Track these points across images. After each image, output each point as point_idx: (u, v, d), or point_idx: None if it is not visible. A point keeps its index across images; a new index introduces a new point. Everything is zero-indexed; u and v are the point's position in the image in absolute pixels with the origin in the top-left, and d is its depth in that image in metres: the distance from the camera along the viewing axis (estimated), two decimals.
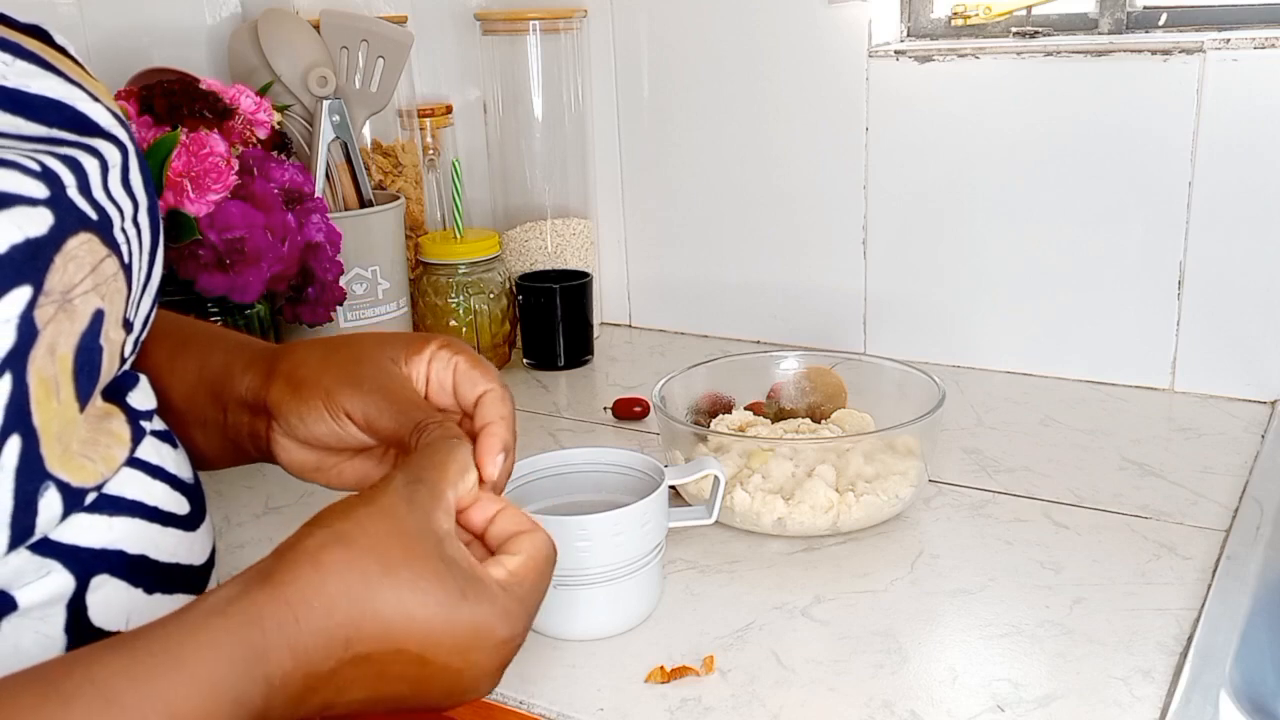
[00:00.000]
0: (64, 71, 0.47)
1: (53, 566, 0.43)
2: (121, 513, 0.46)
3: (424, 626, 0.43)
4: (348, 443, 0.54)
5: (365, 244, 1.06)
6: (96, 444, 0.45)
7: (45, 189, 0.41)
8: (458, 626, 0.43)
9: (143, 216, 0.48)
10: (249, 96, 0.94)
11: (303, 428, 0.53)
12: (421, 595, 0.43)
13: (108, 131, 0.47)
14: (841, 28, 1.10)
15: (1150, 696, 0.60)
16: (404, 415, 0.51)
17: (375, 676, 0.43)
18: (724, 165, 1.20)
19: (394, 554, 0.43)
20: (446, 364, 0.55)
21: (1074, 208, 1.03)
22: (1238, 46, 0.93)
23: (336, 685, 0.42)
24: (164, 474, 0.49)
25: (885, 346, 1.14)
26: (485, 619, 0.44)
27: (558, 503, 0.72)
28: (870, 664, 0.64)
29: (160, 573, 0.48)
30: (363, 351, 0.54)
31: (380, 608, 0.42)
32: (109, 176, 0.45)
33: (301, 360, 0.54)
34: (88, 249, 0.43)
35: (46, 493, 0.42)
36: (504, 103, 1.22)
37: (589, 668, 0.65)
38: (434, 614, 0.43)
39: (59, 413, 0.42)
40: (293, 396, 0.53)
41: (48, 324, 0.40)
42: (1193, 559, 0.74)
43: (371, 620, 0.42)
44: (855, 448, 0.80)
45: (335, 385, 0.52)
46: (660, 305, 1.29)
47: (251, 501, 0.87)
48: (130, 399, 0.49)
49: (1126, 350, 1.04)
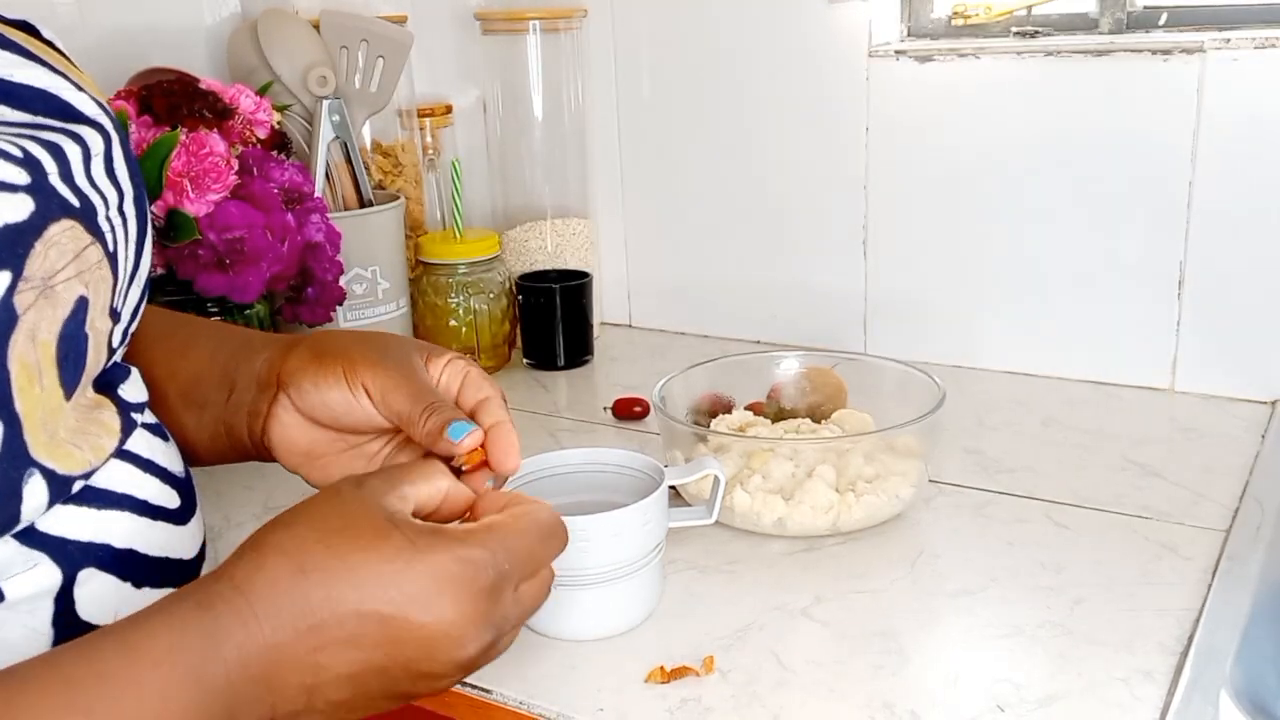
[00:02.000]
0: (49, 62, 0.47)
1: (40, 559, 0.43)
2: (110, 505, 0.46)
3: (374, 583, 0.42)
4: (352, 420, 0.54)
5: (365, 244, 1.06)
6: (85, 433, 0.45)
7: (26, 175, 0.41)
8: (413, 576, 0.43)
9: (128, 206, 0.48)
10: (249, 96, 0.94)
11: (315, 394, 0.54)
12: (364, 553, 0.43)
13: (92, 119, 0.47)
14: (841, 28, 1.10)
15: (1151, 697, 0.60)
16: (417, 396, 0.53)
17: (342, 645, 0.42)
18: (724, 165, 1.19)
19: (331, 523, 0.43)
20: (458, 371, 0.56)
21: (1074, 207, 1.03)
22: (1238, 46, 0.93)
23: (303, 660, 0.42)
24: (154, 467, 0.49)
25: (885, 346, 1.14)
26: (443, 564, 0.43)
27: (557, 503, 0.71)
28: (870, 664, 0.64)
29: (149, 566, 0.48)
30: (389, 342, 0.56)
31: (325, 574, 0.42)
32: (91, 164, 0.46)
33: (328, 337, 0.56)
34: (70, 236, 0.43)
35: (31, 479, 0.42)
36: (504, 103, 1.22)
37: (589, 668, 0.65)
38: (381, 569, 0.42)
39: (42, 399, 0.42)
40: (313, 362, 0.54)
41: (28, 310, 0.41)
42: (1193, 559, 0.74)
43: (318, 587, 0.42)
44: (855, 448, 0.80)
45: (359, 358, 0.54)
46: (660, 305, 1.29)
47: (250, 502, 0.87)
48: (122, 391, 0.49)
49: (1127, 350, 1.04)
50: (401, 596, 0.42)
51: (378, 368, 0.53)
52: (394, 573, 0.42)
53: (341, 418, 0.55)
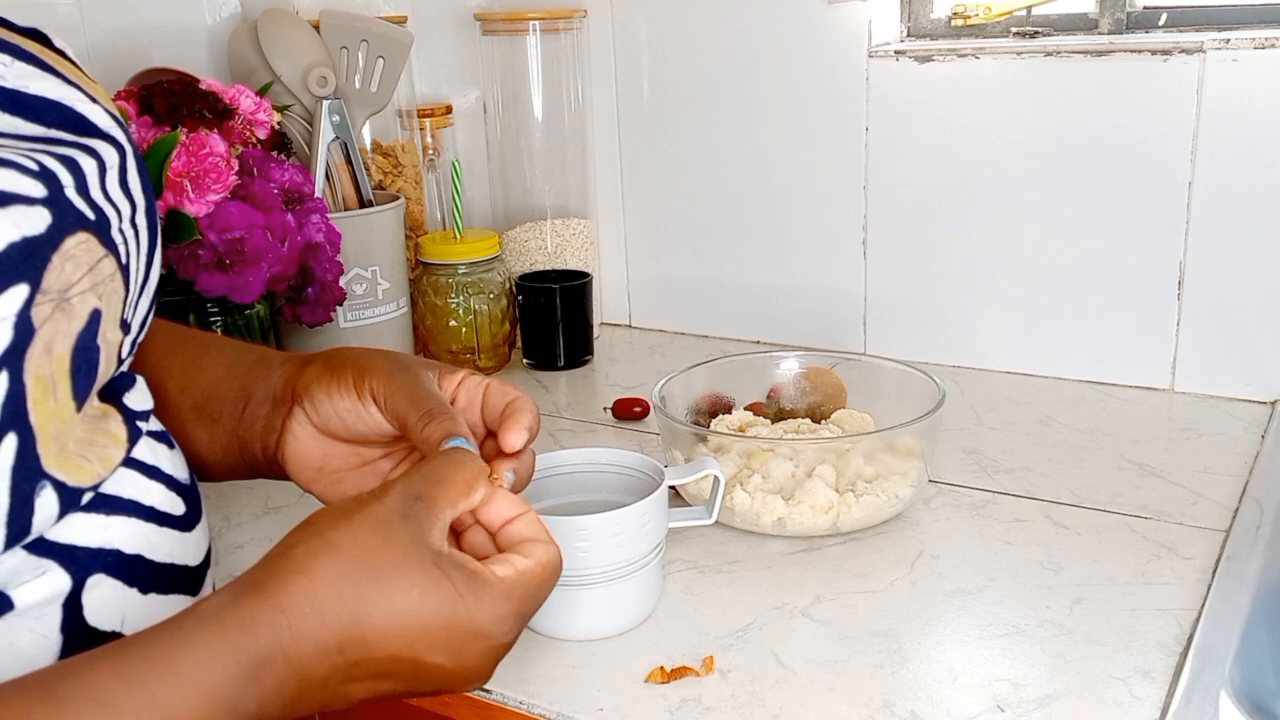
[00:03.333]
0: (63, 73, 0.47)
1: (49, 566, 0.43)
2: (118, 512, 0.46)
3: (418, 630, 0.43)
4: (362, 429, 0.55)
5: (365, 244, 1.06)
6: (94, 444, 0.45)
7: (43, 189, 0.41)
8: (455, 625, 0.44)
9: (140, 218, 0.48)
10: (249, 96, 0.94)
11: (327, 403, 0.54)
12: (415, 601, 0.43)
13: (106, 133, 0.47)
14: (841, 28, 1.10)
15: (1150, 697, 0.60)
16: (419, 400, 0.53)
17: (369, 678, 0.43)
18: (724, 165, 1.20)
19: (384, 563, 0.43)
20: (478, 384, 0.56)
21: (1074, 208, 1.03)
22: (1238, 46, 0.93)
23: (331, 689, 0.43)
24: (160, 474, 0.49)
25: (885, 346, 1.14)
26: (483, 618, 0.45)
27: (558, 503, 0.72)
28: (870, 664, 0.64)
29: (156, 573, 0.48)
30: (404, 356, 0.56)
31: (373, 614, 0.42)
32: (106, 178, 0.46)
33: (344, 349, 0.57)
34: (85, 249, 0.43)
35: (43, 492, 0.42)
36: (504, 103, 1.22)
37: (589, 668, 0.65)
38: (429, 618, 0.43)
39: (56, 412, 0.42)
40: (326, 372, 0.55)
41: (44, 323, 0.41)
42: (1193, 559, 0.74)
43: (366, 626, 0.42)
44: (855, 448, 0.80)
45: (369, 366, 0.54)
46: (660, 305, 1.29)
47: (251, 502, 0.87)
48: (127, 399, 0.49)
49: (1126, 350, 1.04)
50: (441, 648, 0.44)
51: (386, 375, 0.54)
52: (439, 628, 0.44)
53: (352, 426, 0.55)
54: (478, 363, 1.16)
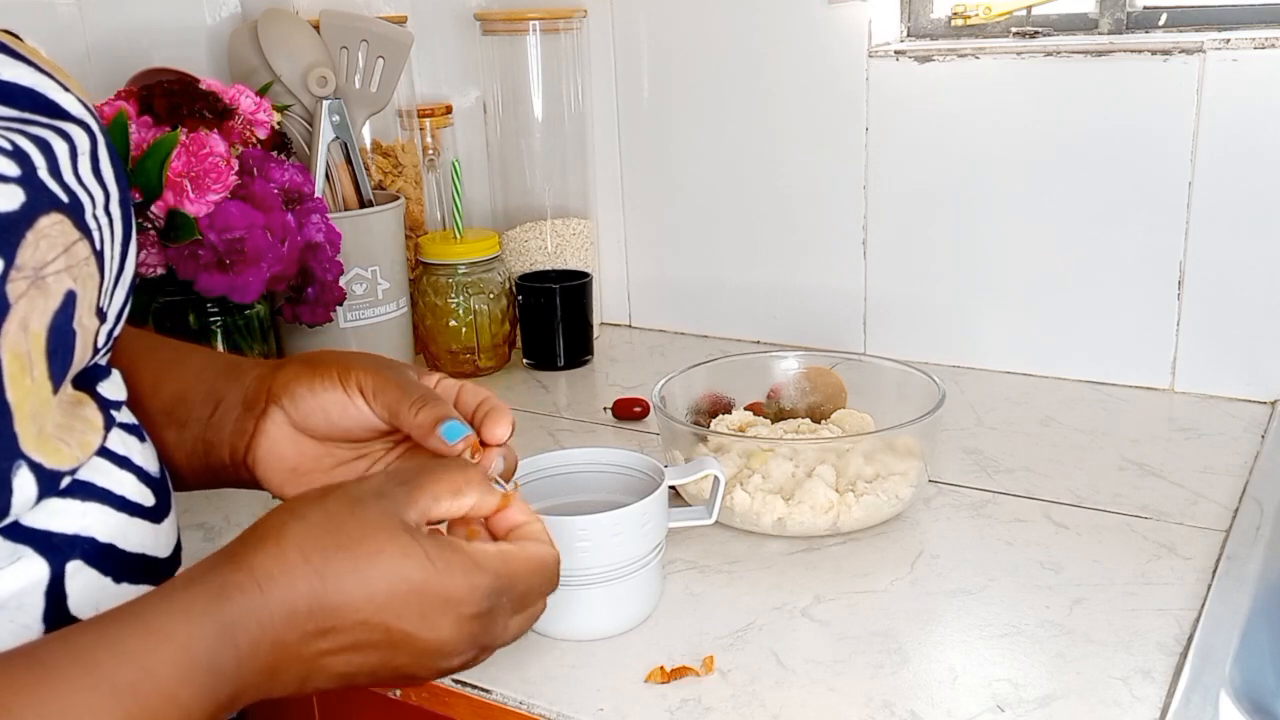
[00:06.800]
0: (35, 63, 0.48)
1: (24, 552, 0.43)
2: (93, 499, 0.47)
3: (386, 594, 0.44)
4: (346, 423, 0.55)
5: (365, 244, 1.06)
6: (71, 429, 0.46)
7: (16, 168, 0.42)
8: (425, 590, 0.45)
9: (114, 207, 0.48)
10: (249, 96, 0.94)
11: (310, 398, 0.55)
12: (384, 567, 0.44)
13: (77, 117, 0.47)
14: (841, 28, 1.10)
15: (1150, 697, 0.60)
16: (409, 389, 0.54)
17: (344, 649, 0.44)
18: (724, 165, 1.20)
19: (351, 530, 0.44)
20: (452, 386, 0.58)
21: (1074, 208, 1.03)
22: (1238, 46, 0.93)
23: (308, 660, 0.43)
24: (131, 465, 0.50)
25: (885, 346, 1.14)
26: (453, 585, 0.45)
27: (558, 503, 0.72)
28: (870, 664, 0.64)
29: (127, 562, 0.48)
30: (384, 358, 0.58)
31: (343, 580, 0.43)
32: (78, 161, 0.46)
33: (323, 351, 0.58)
34: (60, 229, 0.43)
35: (19, 472, 0.42)
36: (504, 103, 1.22)
37: (589, 668, 0.65)
38: (398, 583, 0.44)
39: (33, 391, 0.42)
40: (307, 369, 0.56)
41: (20, 298, 0.41)
42: (1193, 559, 0.74)
43: (334, 591, 0.43)
44: (855, 448, 0.80)
45: (353, 362, 0.56)
46: (660, 305, 1.29)
47: (250, 502, 0.87)
48: (101, 389, 0.50)
49: (1126, 350, 1.04)
50: (411, 614, 0.45)
51: (372, 369, 0.55)
52: (409, 592, 0.44)
53: (336, 421, 0.55)
54: (478, 363, 1.16)
